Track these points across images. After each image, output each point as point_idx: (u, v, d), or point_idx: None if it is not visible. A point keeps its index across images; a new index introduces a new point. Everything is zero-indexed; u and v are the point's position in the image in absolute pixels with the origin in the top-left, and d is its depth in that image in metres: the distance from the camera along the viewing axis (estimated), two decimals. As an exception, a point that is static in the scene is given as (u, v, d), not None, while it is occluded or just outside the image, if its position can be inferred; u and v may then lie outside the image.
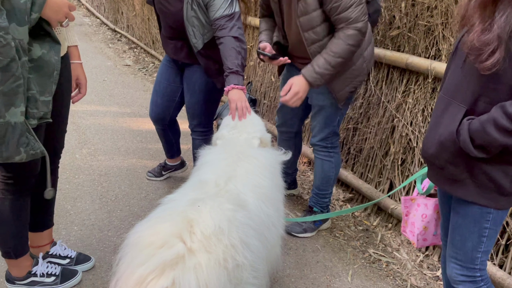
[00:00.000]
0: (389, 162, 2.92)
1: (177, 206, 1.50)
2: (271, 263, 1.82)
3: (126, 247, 1.42)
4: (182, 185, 1.70)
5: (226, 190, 1.60)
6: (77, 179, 3.18)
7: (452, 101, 1.45)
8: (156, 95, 2.92)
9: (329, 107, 2.46)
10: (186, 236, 1.38)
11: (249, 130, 1.94)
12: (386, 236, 2.82)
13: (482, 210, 1.48)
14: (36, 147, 1.69)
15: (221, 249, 1.40)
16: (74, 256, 2.30)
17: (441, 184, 1.58)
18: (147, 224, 1.45)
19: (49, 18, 1.64)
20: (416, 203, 1.95)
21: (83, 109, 4.58)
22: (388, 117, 2.95)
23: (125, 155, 3.64)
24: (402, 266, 2.55)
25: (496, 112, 1.30)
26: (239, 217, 1.50)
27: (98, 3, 10.03)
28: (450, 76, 1.50)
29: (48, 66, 1.66)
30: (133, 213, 2.83)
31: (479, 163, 1.41)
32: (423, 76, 2.70)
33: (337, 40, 2.18)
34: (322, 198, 2.73)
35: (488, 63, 1.26)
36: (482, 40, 1.26)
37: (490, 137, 1.31)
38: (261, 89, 4.38)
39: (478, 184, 1.45)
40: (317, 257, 2.57)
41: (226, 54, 2.31)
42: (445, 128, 1.45)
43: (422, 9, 2.68)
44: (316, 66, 2.23)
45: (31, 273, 2.10)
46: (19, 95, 1.56)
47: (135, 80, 5.88)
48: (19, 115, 1.58)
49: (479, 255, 1.56)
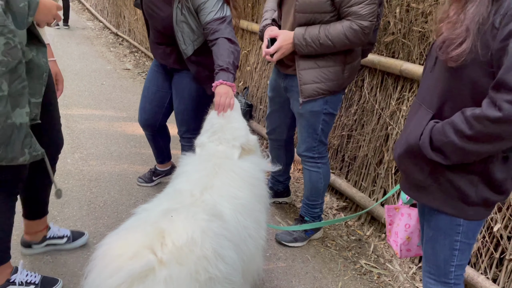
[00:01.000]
0: (383, 170, 2.85)
1: (150, 216, 1.45)
2: (251, 274, 1.76)
3: (94, 259, 1.38)
4: (157, 195, 1.65)
5: (201, 200, 1.55)
6: (66, 184, 3.14)
7: (421, 106, 1.43)
8: (145, 101, 2.87)
9: (308, 114, 2.39)
10: (157, 248, 1.33)
11: (229, 138, 1.88)
12: (379, 246, 2.75)
13: (452, 221, 1.44)
14: (38, 149, 1.72)
15: (193, 261, 1.35)
16: (69, 234, 2.44)
17: (407, 190, 1.55)
18: (117, 235, 1.40)
19: (39, 20, 1.67)
20: (400, 212, 1.90)
21: (79, 113, 4.55)
22: (382, 124, 2.89)
23: (117, 160, 3.60)
24: (394, 278, 2.47)
25: (456, 116, 1.28)
26: (213, 227, 1.45)
27: (102, 7, 10.07)
28: (423, 81, 1.48)
29: (38, 68, 1.68)
30: (120, 220, 2.76)
31: (443, 171, 1.37)
32: (417, 83, 2.64)
33: (339, 26, 2.14)
34: (313, 208, 2.66)
35: (454, 53, 1.24)
36: (453, 32, 1.25)
37: (448, 139, 1.28)
38: (257, 94, 4.33)
39: (442, 191, 1.41)
40: (306, 268, 2.51)
41: (218, 54, 2.26)
42: (410, 132, 1.42)
43: (416, 14, 2.62)
44: (307, 32, 2.19)
45: (9, 281, 2.04)
46: (24, 96, 1.59)
47: (134, 84, 5.85)
48: (25, 115, 1.60)
49: (452, 269, 1.51)
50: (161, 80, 2.80)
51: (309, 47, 2.19)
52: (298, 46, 2.21)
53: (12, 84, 1.54)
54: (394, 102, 2.79)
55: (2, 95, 1.52)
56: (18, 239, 2.39)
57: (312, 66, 2.27)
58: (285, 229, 2.69)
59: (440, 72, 1.35)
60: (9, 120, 1.55)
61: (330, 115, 2.41)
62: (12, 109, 1.56)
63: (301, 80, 2.30)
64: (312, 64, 2.27)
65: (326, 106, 2.36)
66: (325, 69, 2.27)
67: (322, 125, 2.42)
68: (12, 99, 1.55)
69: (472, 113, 1.23)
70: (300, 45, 2.20)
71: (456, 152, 1.29)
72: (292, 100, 2.45)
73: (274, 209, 3.07)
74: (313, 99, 2.32)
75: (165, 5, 2.44)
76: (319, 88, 2.30)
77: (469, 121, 1.23)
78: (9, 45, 1.50)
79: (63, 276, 2.25)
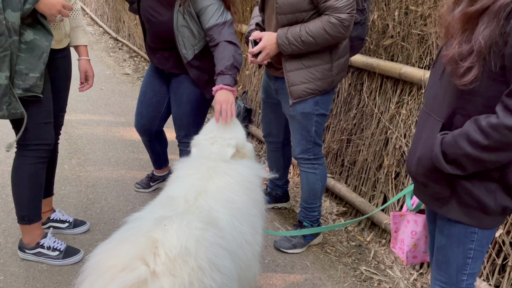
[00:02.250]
0: (382, 175, 2.81)
1: (142, 226, 1.41)
2: (248, 281, 1.73)
3: (85, 271, 1.34)
4: (150, 202, 1.62)
5: (196, 206, 1.52)
6: (63, 191, 3.11)
7: (430, 115, 1.38)
8: (141, 106, 2.84)
9: (300, 117, 2.37)
10: (150, 258, 1.29)
11: (224, 138, 1.86)
12: (379, 252, 2.71)
13: (466, 229, 1.39)
14: (17, 108, 2.00)
15: (187, 272, 1.31)
16: (71, 220, 2.64)
17: (425, 201, 1.50)
18: (108, 246, 1.36)
19: (43, 12, 2.00)
20: (406, 219, 1.86)
21: (77, 118, 4.53)
22: (382, 128, 2.85)
23: (115, 166, 3.57)
24: (395, 285, 2.43)
25: (469, 125, 1.23)
26: (208, 236, 1.41)
27: (102, 12, 10.07)
28: (430, 89, 1.43)
29: (38, 48, 2.02)
30: (117, 226, 2.67)
31: (460, 181, 1.33)
32: (417, 86, 2.61)
33: (317, 22, 2.13)
34: (311, 212, 2.63)
35: (465, 79, 1.19)
36: (458, 52, 1.19)
37: (463, 152, 1.24)
38: (256, 98, 4.30)
39: (461, 202, 1.36)
40: (305, 275, 2.47)
41: (218, 58, 2.25)
42: (423, 144, 1.37)
43: (415, 17, 2.60)
44: (289, 31, 2.18)
45: (39, 244, 2.34)
46: (5, 63, 1.90)
47: (133, 89, 5.83)
48: (4, 78, 1.92)
49: (464, 277, 1.47)
50: (158, 84, 2.77)
51: (292, 46, 2.18)
52: (282, 46, 2.21)
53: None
54: (393, 106, 2.75)
55: None
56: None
57: (299, 67, 2.26)
58: (284, 235, 2.65)
59: (449, 81, 1.28)
60: None
61: (322, 116, 2.40)
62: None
63: (289, 81, 2.28)
64: (299, 64, 2.26)
65: (317, 107, 2.35)
66: (312, 69, 2.26)
67: (315, 126, 2.40)
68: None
69: (489, 122, 1.18)
70: (284, 44, 2.19)
71: (473, 163, 1.24)
72: (283, 103, 2.45)
73: (273, 215, 3.03)
74: (303, 100, 2.30)
75: (164, 9, 2.41)
76: (308, 88, 2.28)
77: (485, 130, 1.18)
78: None
79: (58, 284, 2.22)
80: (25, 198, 2.26)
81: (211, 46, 2.35)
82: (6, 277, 2.25)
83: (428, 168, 1.35)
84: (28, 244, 2.34)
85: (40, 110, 2.14)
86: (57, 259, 2.34)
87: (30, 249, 2.34)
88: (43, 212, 2.51)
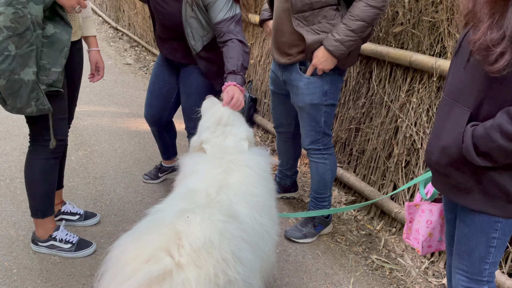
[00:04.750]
0: (392, 164, 2.81)
1: (165, 217, 1.40)
2: (266, 272, 1.73)
3: (108, 262, 1.34)
4: (169, 194, 1.61)
5: (217, 200, 1.51)
6: (71, 183, 3.10)
7: (455, 104, 1.35)
8: (151, 96, 2.82)
9: (309, 108, 2.36)
10: (174, 250, 1.29)
11: (235, 132, 1.85)
12: (389, 241, 2.71)
13: (490, 219, 1.39)
14: (45, 103, 1.98)
15: (212, 264, 1.30)
16: (82, 213, 2.65)
17: (446, 192, 1.48)
18: (132, 237, 1.36)
19: (63, 3, 1.98)
20: (420, 209, 1.86)
21: (81, 109, 4.50)
22: (392, 117, 2.84)
23: (122, 157, 3.56)
24: (406, 274, 2.44)
25: (501, 117, 1.21)
26: (231, 229, 1.41)
27: (100, 1, 9.96)
28: (453, 77, 1.39)
29: (59, 42, 1.99)
30: (127, 218, 2.74)
31: (486, 171, 1.31)
32: (427, 74, 2.58)
33: (357, 3, 2.10)
34: (321, 202, 2.62)
35: (498, 65, 1.15)
36: (490, 38, 1.15)
37: (496, 144, 1.22)
38: (261, 88, 4.28)
39: (485, 193, 1.35)
40: (317, 264, 2.47)
41: (228, 57, 2.22)
42: (448, 134, 1.34)
43: (426, 4, 2.56)
44: (335, 33, 2.15)
45: (51, 237, 2.35)
46: (32, 58, 1.88)
47: (136, 79, 5.80)
48: (31, 74, 1.89)
49: (486, 266, 1.47)
50: (167, 74, 2.75)
51: (347, 43, 2.14)
52: (337, 50, 2.16)
53: (22, 47, 1.84)
54: (403, 94, 2.73)
55: (8, 55, 1.82)
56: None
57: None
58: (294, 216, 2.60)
59: (476, 69, 1.26)
60: (16, 76, 1.85)
61: (331, 106, 2.39)
62: (21, 68, 1.86)
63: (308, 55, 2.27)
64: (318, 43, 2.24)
65: (326, 97, 2.34)
66: None
67: (324, 117, 2.39)
68: (21, 60, 1.85)
69: None
70: (337, 47, 2.15)
71: (505, 155, 1.23)
72: (292, 94, 2.42)
73: (282, 205, 3.03)
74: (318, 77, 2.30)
75: (173, 0, 2.38)
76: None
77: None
78: (17, 14, 1.79)
79: (72, 276, 2.23)
80: (38, 192, 2.26)
81: (219, 41, 2.32)
82: (19, 270, 2.25)
83: (455, 158, 1.33)
84: (41, 237, 2.35)
85: (58, 105, 2.13)
86: (69, 252, 2.34)
87: (43, 241, 2.35)
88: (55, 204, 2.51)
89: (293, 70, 2.36)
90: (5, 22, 1.78)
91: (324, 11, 2.17)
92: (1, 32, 1.79)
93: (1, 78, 1.84)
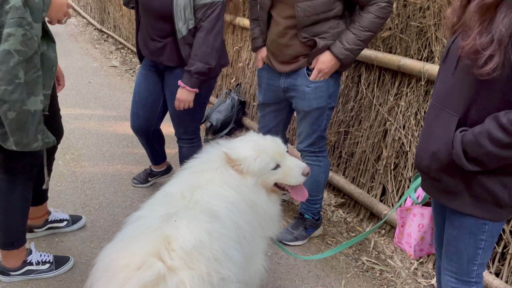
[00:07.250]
0: (381, 166, 2.85)
1: (151, 223, 1.41)
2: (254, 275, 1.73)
3: (97, 272, 1.33)
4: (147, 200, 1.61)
5: (194, 201, 1.52)
6: (59, 187, 3.06)
7: (443, 109, 1.38)
8: (137, 107, 2.74)
9: (315, 112, 2.37)
10: (165, 254, 1.30)
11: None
12: (379, 242, 2.75)
13: (478, 221, 1.42)
14: (49, 136, 1.82)
15: (204, 264, 1.32)
16: (68, 218, 2.58)
17: (436, 195, 1.51)
18: (120, 245, 1.35)
19: (51, 17, 1.81)
20: (412, 213, 1.88)
21: (68, 112, 4.44)
22: (380, 120, 2.88)
23: (110, 161, 3.52)
24: (396, 275, 2.47)
25: (489, 123, 1.24)
26: (217, 228, 1.43)
27: (85, 3, 9.85)
28: (441, 83, 1.43)
29: (48, 62, 1.78)
30: (117, 222, 2.71)
31: (475, 175, 1.34)
32: (415, 78, 2.63)
33: (367, 15, 2.15)
34: (313, 204, 2.64)
35: (487, 68, 1.19)
36: (479, 42, 1.19)
37: (484, 150, 1.25)
38: (250, 91, 4.29)
39: (474, 196, 1.38)
40: (308, 267, 2.49)
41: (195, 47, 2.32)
42: (437, 139, 1.38)
43: (414, 9, 2.61)
44: (345, 42, 2.19)
45: (26, 262, 2.16)
46: (38, 85, 1.69)
47: (122, 81, 5.74)
48: (39, 103, 1.70)
49: (475, 267, 1.51)
50: (152, 83, 2.68)
51: (355, 52, 2.22)
52: (347, 58, 2.22)
53: (28, 73, 1.65)
54: (392, 98, 2.78)
55: (19, 83, 1.61)
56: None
57: None
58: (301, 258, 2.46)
59: (464, 75, 1.30)
60: (24, 107, 1.65)
61: (332, 109, 2.43)
62: (28, 97, 1.66)
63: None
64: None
65: (330, 100, 2.36)
66: None
67: (326, 120, 2.42)
68: (28, 87, 1.65)
69: (509, 119, 1.19)
70: (347, 56, 2.21)
71: (494, 160, 1.26)
72: (297, 100, 2.39)
73: (273, 207, 3.03)
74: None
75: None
76: None
77: (506, 127, 1.19)
78: (26, 36, 1.60)
79: (62, 282, 2.19)
80: (17, 224, 2.07)
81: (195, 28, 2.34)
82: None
83: (445, 163, 1.36)
84: (13, 266, 2.14)
85: None
86: (50, 272, 2.20)
87: (15, 270, 2.14)
88: (40, 217, 2.45)
89: (299, 75, 2.33)
90: (16, 45, 1.57)
91: (330, 22, 2.21)
92: (11, 57, 1.58)
93: (11, 110, 1.63)
